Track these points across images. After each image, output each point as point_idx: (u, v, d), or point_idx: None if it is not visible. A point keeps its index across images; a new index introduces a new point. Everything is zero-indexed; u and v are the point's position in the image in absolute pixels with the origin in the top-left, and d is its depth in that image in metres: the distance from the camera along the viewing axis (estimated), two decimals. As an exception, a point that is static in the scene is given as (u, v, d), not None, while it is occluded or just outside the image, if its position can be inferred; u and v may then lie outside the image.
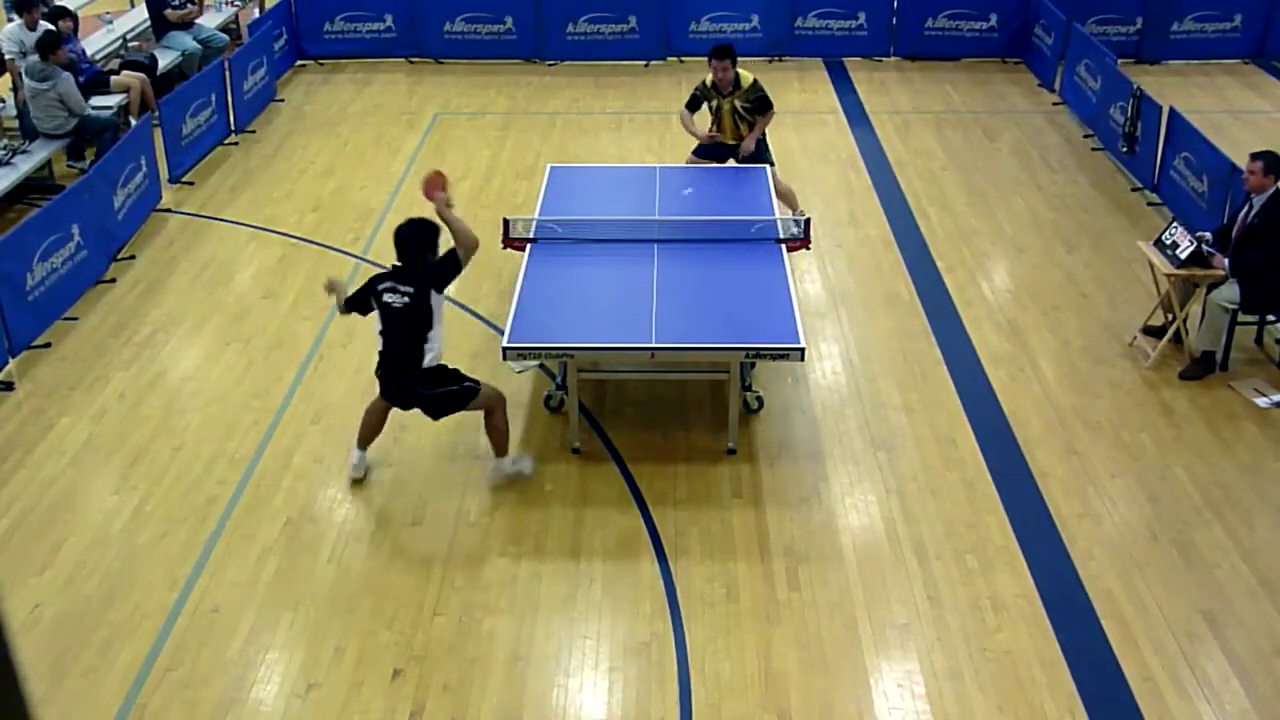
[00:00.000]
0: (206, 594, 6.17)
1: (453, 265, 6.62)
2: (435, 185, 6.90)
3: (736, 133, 9.57)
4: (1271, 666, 5.68)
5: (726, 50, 9.37)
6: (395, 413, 7.63)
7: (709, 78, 9.47)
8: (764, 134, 9.66)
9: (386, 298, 6.53)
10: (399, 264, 6.60)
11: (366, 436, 6.99)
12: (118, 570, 6.33)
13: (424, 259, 6.57)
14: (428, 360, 6.54)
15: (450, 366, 6.71)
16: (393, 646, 5.81)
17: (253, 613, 6.04)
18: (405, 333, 6.52)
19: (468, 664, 5.70)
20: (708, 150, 9.72)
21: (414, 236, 6.59)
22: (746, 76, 9.42)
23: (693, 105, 9.65)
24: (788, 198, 9.81)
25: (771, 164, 9.57)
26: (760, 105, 9.45)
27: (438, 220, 6.78)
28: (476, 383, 6.72)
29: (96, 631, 5.91)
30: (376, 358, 6.69)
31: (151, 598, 6.13)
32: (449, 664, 5.70)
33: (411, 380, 6.58)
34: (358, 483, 6.97)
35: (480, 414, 6.85)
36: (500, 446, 6.89)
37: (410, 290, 6.49)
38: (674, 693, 5.53)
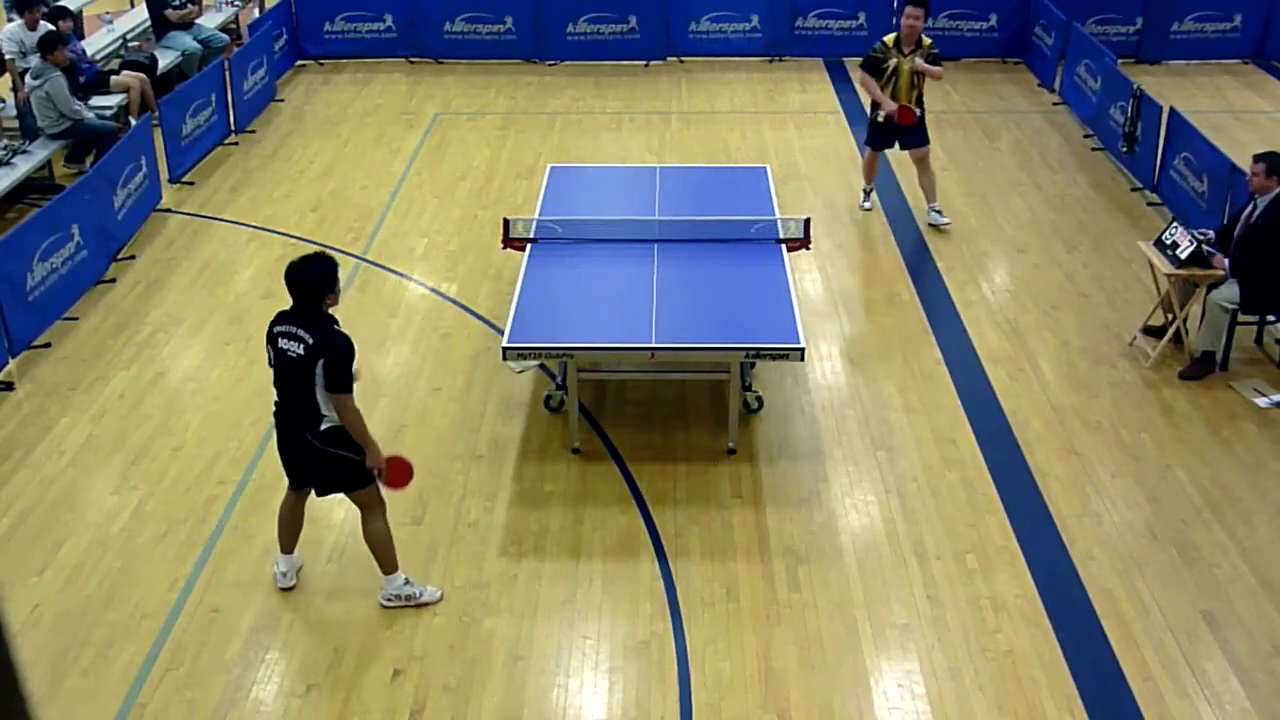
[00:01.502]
0: (206, 594, 6.17)
1: (337, 382, 5.59)
2: (401, 480, 5.97)
3: (912, 96, 9.53)
4: (1271, 666, 5.68)
5: None
6: (395, 413, 7.65)
7: (889, 36, 9.36)
8: (920, 102, 9.61)
9: (282, 343, 5.66)
10: (293, 305, 5.73)
11: (286, 539, 6.20)
12: (118, 570, 6.33)
13: (320, 300, 5.64)
14: (325, 425, 5.67)
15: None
16: (393, 646, 5.81)
17: (253, 613, 6.04)
18: (299, 384, 5.62)
19: (468, 664, 5.70)
20: (881, 132, 9.67)
21: (305, 275, 5.64)
22: (926, 39, 9.41)
23: (870, 66, 9.51)
24: (932, 185, 9.91)
25: (927, 141, 9.63)
26: (935, 59, 9.44)
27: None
28: (363, 465, 5.79)
29: (96, 631, 5.91)
30: (274, 409, 5.91)
31: (151, 598, 6.13)
32: (449, 664, 5.70)
33: (309, 435, 5.69)
34: (288, 591, 6.18)
35: (359, 511, 6.04)
36: (387, 561, 6.02)
37: (309, 341, 5.58)
38: (674, 693, 5.53)
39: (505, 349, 6.98)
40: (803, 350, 6.87)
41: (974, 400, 7.79)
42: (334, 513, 6.78)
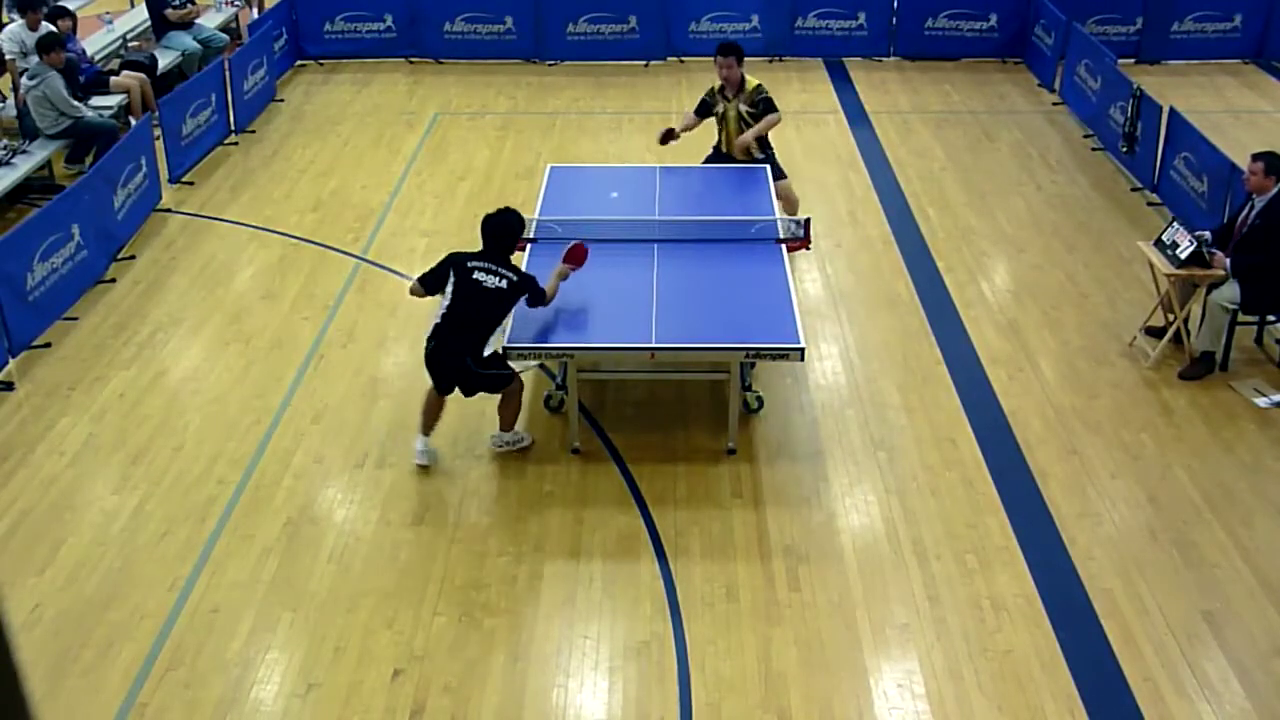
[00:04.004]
0: (206, 594, 6.17)
1: (540, 298, 6.97)
2: (579, 258, 7.35)
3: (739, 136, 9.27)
4: (1271, 666, 5.68)
5: (730, 47, 9.11)
6: (395, 413, 7.65)
7: (717, 81, 9.28)
8: (770, 145, 9.39)
9: (478, 275, 6.77)
10: (484, 249, 6.90)
11: (427, 422, 7.08)
12: (118, 570, 6.33)
13: (509, 249, 6.97)
14: (488, 350, 6.83)
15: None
16: (393, 646, 5.81)
17: (253, 613, 6.04)
18: (483, 315, 6.75)
19: (468, 664, 5.70)
20: (715, 159, 9.54)
21: (507, 225, 6.95)
22: (751, 81, 9.16)
23: (700, 111, 9.38)
24: (795, 209, 9.47)
25: (782, 176, 9.30)
26: (764, 109, 9.11)
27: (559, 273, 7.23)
28: (515, 373, 7.02)
29: (96, 631, 5.91)
30: (431, 331, 6.82)
31: (151, 598, 6.13)
32: (449, 664, 5.70)
33: (469, 359, 6.75)
34: (424, 469, 7.07)
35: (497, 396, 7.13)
36: (508, 423, 7.16)
37: (511, 278, 6.80)
38: (674, 693, 5.53)
39: (505, 349, 6.98)
40: (803, 350, 6.87)
41: (974, 400, 7.79)
42: (334, 513, 6.78)
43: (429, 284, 6.96)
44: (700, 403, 7.74)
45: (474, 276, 6.77)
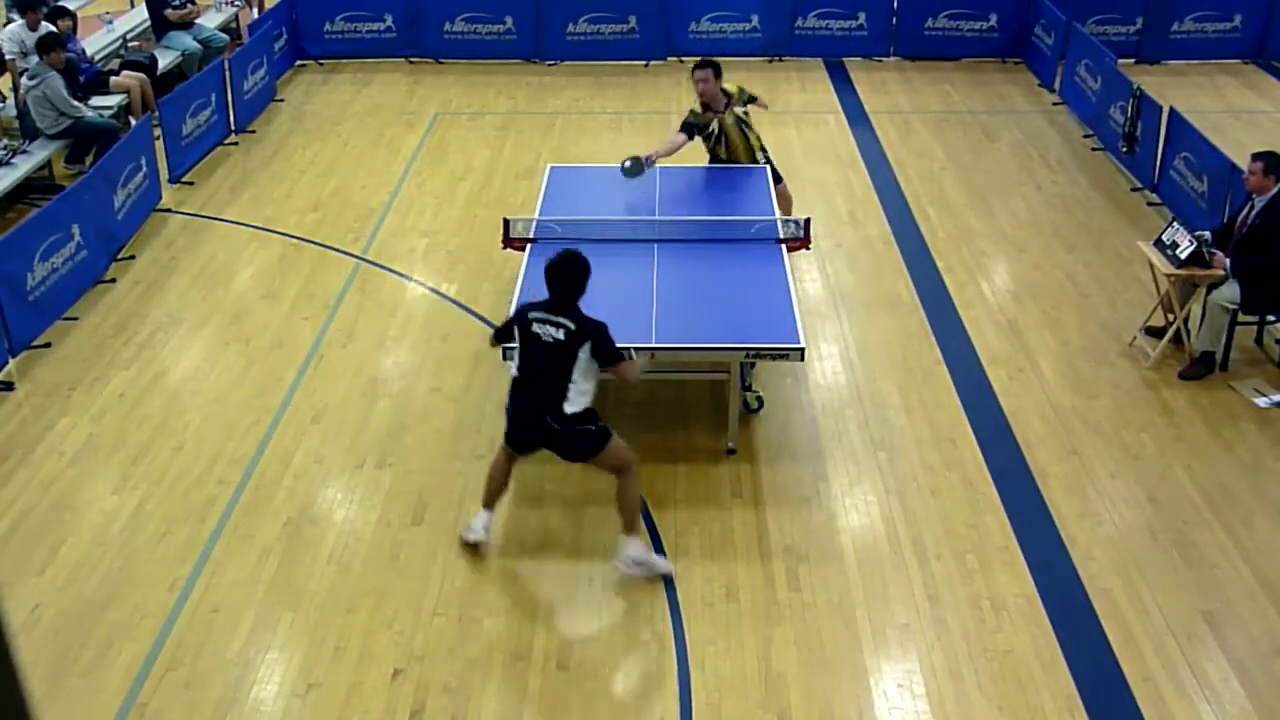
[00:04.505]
0: (206, 594, 6.17)
1: (614, 356, 6.09)
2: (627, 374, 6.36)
3: (748, 145, 9.16)
4: (1271, 666, 5.68)
5: (709, 63, 8.93)
6: (395, 413, 7.65)
7: (696, 104, 9.00)
8: (763, 151, 9.27)
9: (536, 329, 6.07)
10: (549, 297, 6.13)
11: (492, 493, 6.45)
12: (118, 570, 6.33)
13: (576, 295, 6.10)
14: (570, 407, 6.00)
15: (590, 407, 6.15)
16: (393, 646, 5.81)
17: (253, 613, 6.04)
18: (546, 370, 6.03)
19: (468, 664, 5.70)
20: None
21: (570, 271, 6.08)
22: (731, 85, 9.07)
23: (687, 131, 9.06)
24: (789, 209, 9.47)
25: (779, 180, 9.15)
26: (750, 98, 9.12)
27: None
28: (609, 430, 6.20)
29: (96, 631, 5.91)
30: (509, 394, 6.20)
31: (151, 598, 6.13)
32: (449, 664, 5.70)
33: (549, 417, 6.02)
34: (473, 546, 6.41)
35: (608, 473, 6.27)
36: (631, 521, 6.19)
37: (568, 327, 6.01)
38: (674, 693, 5.53)
39: (506, 349, 6.97)
40: (803, 350, 6.87)
41: (974, 400, 7.79)
42: (334, 513, 6.78)
43: (499, 336, 6.53)
44: (700, 403, 7.74)
45: (533, 329, 6.08)
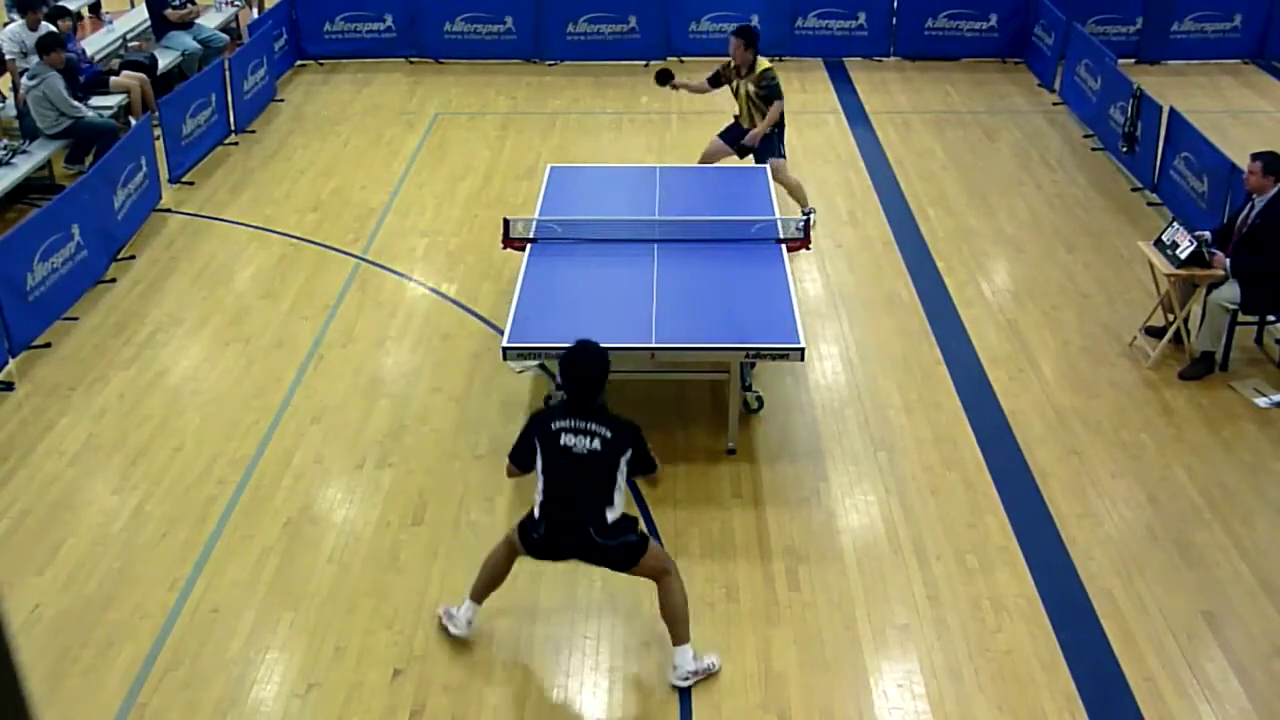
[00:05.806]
0: (206, 594, 6.16)
1: (651, 465, 5.56)
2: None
3: (749, 116, 9.83)
4: (1271, 666, 5.68)
5: (743, 30, 9.84)
6: (395, 414, 7.65)
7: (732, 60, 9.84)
8: (777, 129, 9.81)
9: (566, 440, 5.31)
10: (570, 398, 5.45)
11: (485, 587, 5.79)
12: (118, 570, 6.33)
13: (599, 393, 5.46)
14: (613, 514, 5.36)
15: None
16: (393, 646, 5.81)
17: (253, 613, 6.03)
18: (584, 485, 5.33)
19: (468, 664, 5.70)
20: (728, 131, 9.97)
21: (591, 369, 5.41)
22: (762, 63, 9.74)
23: (713, 80, 10.05)
24: (796, 191, 9.93)
25: (782, 156, 9.83)
26: (767, 94, 9.66)
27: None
28: (648, 535, 5.64)
29: (96, 631, 5.91)
30: (537, 514, 5.43)
31: (151, 598, 6.13)
32: (449, 664, 5.70)
33: (593, 529, 5.34)
34: (458, 639, 5.82)
35: (650, 582, 5.63)
36: (681, 631, 5.51)
37: (603, 435, 5.31)
38: (674, 693, 5.53)
39: (505, 349, 6.98)
40: (803, 350, 6.87)
41: (974, 400, 7.79)
42: (334, 513, 6.78)
43: (520, 460, 5.56)
44: (700, 403, 7.74)
45: (561, 442, 5.31)
